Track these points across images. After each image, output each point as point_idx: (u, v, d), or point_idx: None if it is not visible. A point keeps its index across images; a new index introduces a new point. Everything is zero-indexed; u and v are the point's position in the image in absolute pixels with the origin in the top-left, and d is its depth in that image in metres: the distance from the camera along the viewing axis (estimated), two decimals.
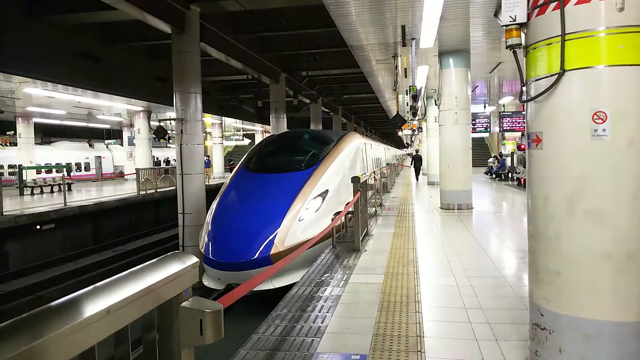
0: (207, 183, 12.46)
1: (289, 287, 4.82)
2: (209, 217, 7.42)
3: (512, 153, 18.53)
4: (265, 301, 5.77)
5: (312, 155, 8.69)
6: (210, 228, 7.02)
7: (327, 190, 7.60)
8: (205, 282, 6.76)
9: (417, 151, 23.22)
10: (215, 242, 6.69)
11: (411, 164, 22.02)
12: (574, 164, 2.35)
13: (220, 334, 1.37)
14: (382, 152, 21.43)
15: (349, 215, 6.56)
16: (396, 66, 11.25)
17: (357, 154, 10.36)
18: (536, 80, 2.51)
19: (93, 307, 1.01)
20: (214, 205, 7.68)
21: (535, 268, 2.59)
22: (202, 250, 6.81)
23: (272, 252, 6.27)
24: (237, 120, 27.40)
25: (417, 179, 19.84)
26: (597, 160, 2.29)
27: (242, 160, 9.36)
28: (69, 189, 16.77)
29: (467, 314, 3.67)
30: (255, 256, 6.22)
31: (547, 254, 2.48)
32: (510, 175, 18.02)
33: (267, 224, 6.65)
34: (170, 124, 16.77)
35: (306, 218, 6.94)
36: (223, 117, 25.77)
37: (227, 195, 7.82)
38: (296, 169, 8.15)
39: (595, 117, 2.27)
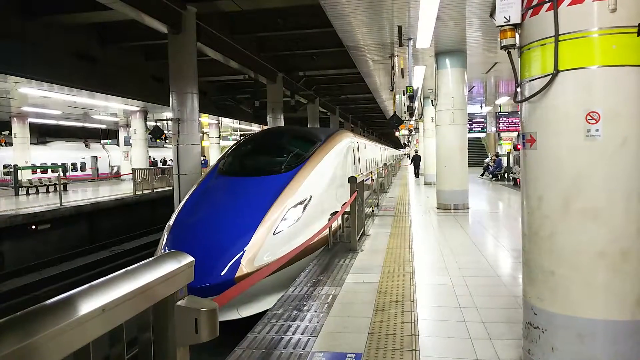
0: None
1: (260, 315, 4.06)
2: (166, 229, 6.11)
3: (509, 153, 18.60)
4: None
5: (295, 155, 7.43)
6: (164, 242, 5.74)
7: (310, 197, 6.38)
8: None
9: (416, 151, 25.18)
10: None
11: (411, 163, 24.78)
12: (567, 164, 2.37)
13: (215, 332, 1.38)
14: (378, 152, 20.88)
15: (346, 216, 6.56)
16: (393, 66, 11.27)
17: (348, 155, 9.33)
18: (530, 80, 2.53)
19: (88, 306, 1.02)
20: (173, 215, 6.42)
21: (529, 267, 2.60)
22: None
23: (237, 274, 4.91)
24: (234, 121, 27.37)
25: (417, 175, 21.61)
26: (590, 160, 2.31)
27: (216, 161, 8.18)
28: (65, 189, 16.70)
29: (462, 313, 3.68)
30: (216, 281, 4.79)
31: (541, 253, 2.50)
32: (506, 175, 18.08)
33: (233, 240, 5.34)
34: (167, 124, 16.73)
35: (284, 231, 5.68)
36: (220, 118, 25.73)
37: (189, 203, 6.53)
38: (275, 172, 6.85)
39: (588, 117, 2.29)
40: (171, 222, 6.17)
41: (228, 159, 7.76)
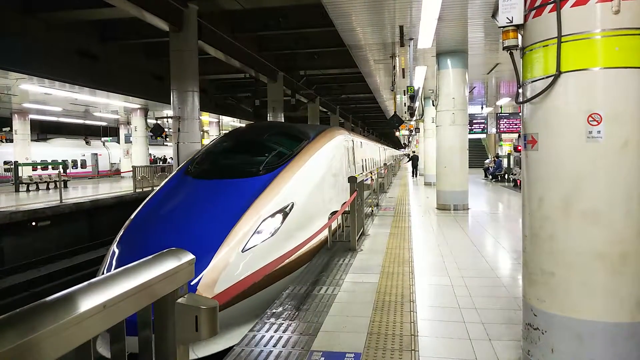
0: None
1: (225, 352, 3.52)
2: (115, 242, 5.06)
3: (509, 154, 18.60)
4: None
5: (277, 155, 6.46)
6: (108, 260, 4.74)
7: (292, 204, 5.50)
8: (100, 349, 3.74)
9: (413, 152, 27.80)
10: None
11: (409, 162, 26.86)
12: (569, 165, 2.37)
13: (215, 330, 1.38)
14: (378, 152, 20.25)
15: (345, 215, 6.55)
16: (394, 66, 11.27)
17: (340, 155, 8.45)
18: (532, 81, 2.53)
19: (89, 302, 1.01)
20: (123, 228, 5.35)
21: (529, 268, 2.60)
22: None
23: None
24: (235, 119, 27.37)
25: (414, 175, 22.55)
26: (591, 162, 2.31)
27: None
28: (65, 186, 16.70)
29: (462, 313, 3.68)
30: None
31: (541, 254, 2.50)
32: (506, 176, 18.08)
33: None
34: (168, 122, 16.74)
35: (257, 246, 4.74)
36: (220, 116, 25.73)
37: (143, 212, 5.53)
38: (251, 174, 5.88)
39: (590, 118, 2.29)
40: (119, 236, 5.10)
41: (199, 158, 6.72)
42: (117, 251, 4.83)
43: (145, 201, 5.91)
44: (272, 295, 4.52)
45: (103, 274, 3.76)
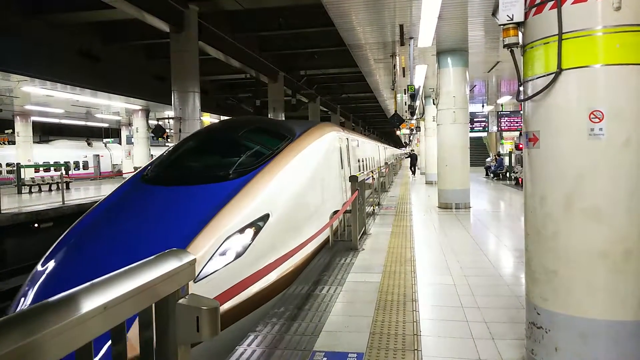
0: None
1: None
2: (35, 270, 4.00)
3: (510, 152, 18.58)
4: None
5: (253, 155, 5.38)
6: (26, 288, 3.77)
7: (267, 215, 4.47)
8: None
9: (412, 150, 29.77)
10: None
11: (408, 157, 29.36)
12: (570, 163, 2.36)
13: (216, 331, 1.37)
14: (377, 152, 19.19)
15: (347, 215, 6.54)
16: (394, 65, 11.26)
17: (332, 155, 7.43)
18: (533, 79, 2.52)
19: (90, 303, 1.01)
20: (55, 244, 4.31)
21: (531, 267, 2.59)
22: None
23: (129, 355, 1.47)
24: None
25: (413, 173, 23.71)
26: (593, 159, 2.29)
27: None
28: (67, 188, 16.73)
29: (464, 312, 3.68)
30: None
31: (543, 252, 2.49)
32: (508, 174, 18.06)
33: None
34: (169, 122, 16.76)
35: (218, 271, 3.76)
36: (221, 116, 25.75)
37: (80, 227, 4.40)
38: (219, 179, 4.77)
39: (592, 116, 2.27)
40: (41, 262, 4.08)
41: (159, 160, 5.63)
42: (43, 277, 3.77)
43: (84, 215, 4.67)
44: (242, 331, 3.56)
45: (18, 306, 3.40)
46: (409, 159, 27.15)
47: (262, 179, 4.83)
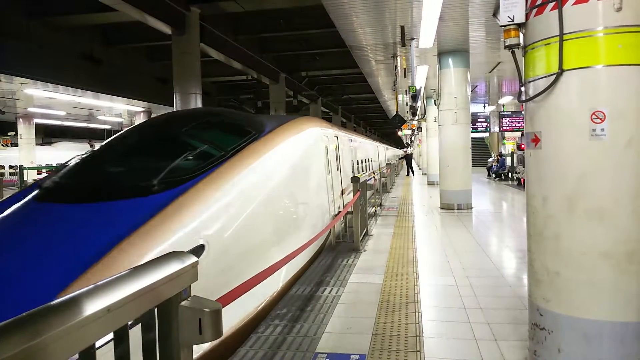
0: None
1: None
2: None
3: (512, 153, 18.55)
4: None
5: (196, 159, 3.96)
6: None
7: (200, 247, 3.14)
8: None
9: (405, 151, 32.61)
10: None
11: (402, 160, 30.08)
12: (572, 164, 2.36)
13: (219, 333, 1.38)
14: (376, 152, 17.97)
15: (349, 216, 6.53)
16: (395, 66, 11.26)
17: (312, 157, 6.06)
18: (534, 80, 2.52)
19: (93, 306, 1.02)
20: None
21: (534, 268, 2.59)
22: None
23: None
24: None
25: (408, 173, 23.97)
26: (595, 160, 2.29)
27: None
28: None
29: (467, 313, 3.67)
30: None
31: (546, 253, 2.49)
32: (510, 175, 18.02)
33: None
34: None
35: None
36: None
37: None
38: (138, 192, 3.37)
39: (593, 116, 2.27)
40: None
41: (65, 167, 4.10)
42: None
43: None
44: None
45: None
46: (405, 159, 28.12)
47: (200, 192, 3.41)
